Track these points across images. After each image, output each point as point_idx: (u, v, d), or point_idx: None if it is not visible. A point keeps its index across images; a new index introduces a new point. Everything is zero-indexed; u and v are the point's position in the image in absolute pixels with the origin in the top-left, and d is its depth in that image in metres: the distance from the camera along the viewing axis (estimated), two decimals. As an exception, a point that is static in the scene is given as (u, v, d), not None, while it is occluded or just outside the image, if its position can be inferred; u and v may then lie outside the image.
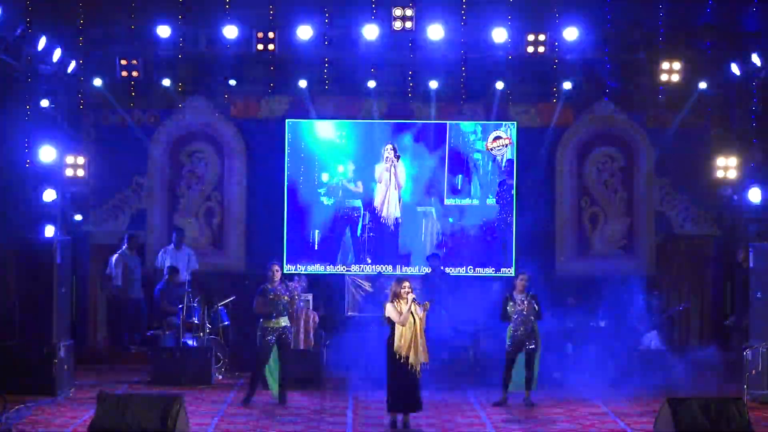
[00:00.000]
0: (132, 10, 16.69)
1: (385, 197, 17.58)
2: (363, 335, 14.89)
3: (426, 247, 17.55)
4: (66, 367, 13.41)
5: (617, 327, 15.49)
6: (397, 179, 17.55)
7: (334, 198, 17.61)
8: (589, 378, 14.37)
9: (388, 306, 11.54)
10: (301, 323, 14.79)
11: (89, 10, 16.44)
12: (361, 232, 17.58)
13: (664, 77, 16.28)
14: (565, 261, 17.68)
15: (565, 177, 17.80)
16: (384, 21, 16.14)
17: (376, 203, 17.61)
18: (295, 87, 17.13)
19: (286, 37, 16.29)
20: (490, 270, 17.55)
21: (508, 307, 13.25)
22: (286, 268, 17.01)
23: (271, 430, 11.58)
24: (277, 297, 12.93)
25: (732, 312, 16.80)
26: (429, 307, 11.61)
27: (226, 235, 17.74)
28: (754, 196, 16.21)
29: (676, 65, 16.17)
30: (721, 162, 16.69)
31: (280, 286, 13.07)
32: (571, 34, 16.28)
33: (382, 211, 17.61)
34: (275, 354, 12.98)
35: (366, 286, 17.40)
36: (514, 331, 13.23)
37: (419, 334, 11.46)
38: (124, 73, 16.42)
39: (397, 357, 11.44)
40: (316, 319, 15.15)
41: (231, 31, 16.31)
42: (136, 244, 17.16)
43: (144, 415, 9.52)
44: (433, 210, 17.68)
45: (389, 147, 17.56)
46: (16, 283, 14.18)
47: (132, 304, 16.86)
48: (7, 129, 15.88)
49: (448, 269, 17.20)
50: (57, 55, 15.47)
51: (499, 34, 16.32)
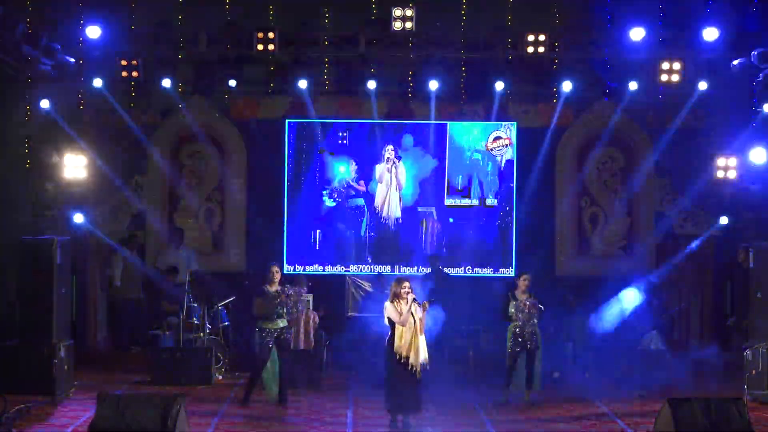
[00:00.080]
0: (132, 10, 16.70)
1: (385, 197, 17.58)
2: (363, 335, 14.90)
3: (426, 248, 17.56)
4: (66, 367, 13.39)
5: (617, 327, 15.48)
6: (398, 180, 17.54)
7: (336, 198, 17.61)
8: (589, 378, 14.37)
9: (389, 306, 11.53)
10: (302, 324, 14.76)
11: (89, 10, 16.43)
12: (364, 232, 17.58)
13: (664, 77, 16.27)
14: (565, 261, 17.69)
15: (565, 177, 17.81)
16: (384, 21, 16.14)
17: (377, 203, 17.61)
18: (295, 87, 17.13)
19: (286, 37, 16.29)
20: (490, 270, 17.55)
21: (510, 307, 13.24)
22: (286, 268, 17.03)
23: (271, 431, 11.59)
24: (276, 299, 12.91)
25: (732, 312, 16.80)
26: (428, 307, 11.62)
27: (226, 235, 17.75)
28: (754, 196, 16.21)
29: (676, 65, 16.16)
30: (721, 162, 16.69)
31: (280, 288, 13.05)
32: (571, 33, 16.28)
33: (383, 212, 17.61)
34: (274, 355, 12.97)
35: (366, 286, 17.40)
36: (516, 331, 13.21)
37: (419, 335, 11.46)
38: (124, 73, 16.42)
39: (397, 357, 11.44)
40: (317, 320, 15.12)
41: (230, 31, 16.31)
42: (137, 244, 17.17)
43: (144, 415, 9.51)
44: (433, 210, 17.69)
45: (389, 147, 17.56)
46: (16, 284, 14.18)
47: (132, 304, 16.86)
48: (7, 129, 15.89)
49: (448, 269, 17.20)
50: (57, 55, 15.46)
51: (500, 34, 16.32)
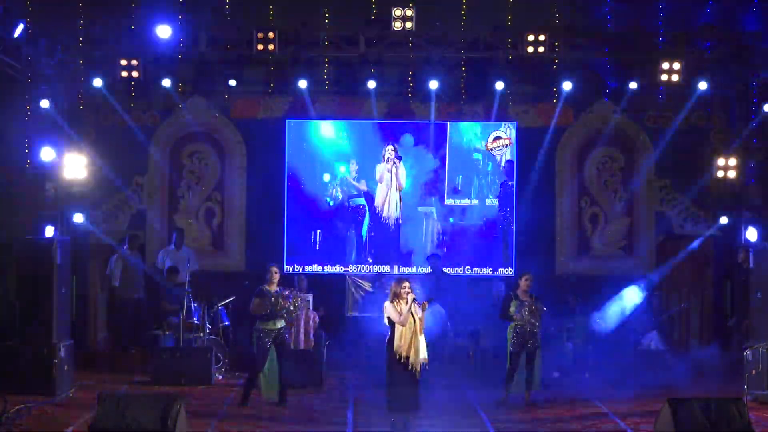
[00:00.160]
0: (132, 10, 16.70)
1: (386, 197, 17.57)
2: (363, 335, 14.89)
3: (426, 248, 17.56)
4: (66, 367, 13.40)
5: (617, 327, 15.48)
6: (398, 180, 17.54)
7: (337, 198, 17.61)
8: (589, 378, 14.37)
9: (388, 306, 11.52)
10: (301, 323, 14.78)
11: (89, 10, 16.43)
12: (366, 231, 17.58)
13: (664, 77, 16.27)
14: (565, 261, 17.68)
15: (565, 177, 17.81)
16: (384, 21, 16.14)
17: (377, 203, 17.60)
18: (295, 87, 17.13)
19: (286, 37, 16.29)
20: (491, 270, 17.55)
21: (511, 306, 13.21)
22: (285, 268, 17.03)
23: (270, 431, 11.58)
24: (274, 299, 12.89)
25: (732, 312, 16.80)
26: (428, 306, 11.61)
27: (226, 235, 17.75)
28: (754, 196, 16.21)
29: (676, 65, 16.16)
30: (721, 162, 16.69)
31: (278, 290, 13.03)
32: (570, 33, 16.29)
33: (383, 212, 17.60)
34: (272, 356, 12.96)
35: (366, 286, 17.40)
36: (517, 330, 13.19)
37: (419, 334, 11.45)
38: (124, 73, 16.42)
39: (397, 357, 11.43)
40: (317, 320, 15.14)
41: (231, 31, 16.32)
42: (137, 245, 17.16)
43: (144, 415, 9.51)
44: (433, 210, 17.68)
45: (390, 147, 17.55)
46: (16, 283, 14.18)
47: (132, 304, 16.85)
48: (7, 129, 15.89)
49: (448, 269, 17.20)
50: (57, 55, 15.46)
51: (498, 34, 16.32)
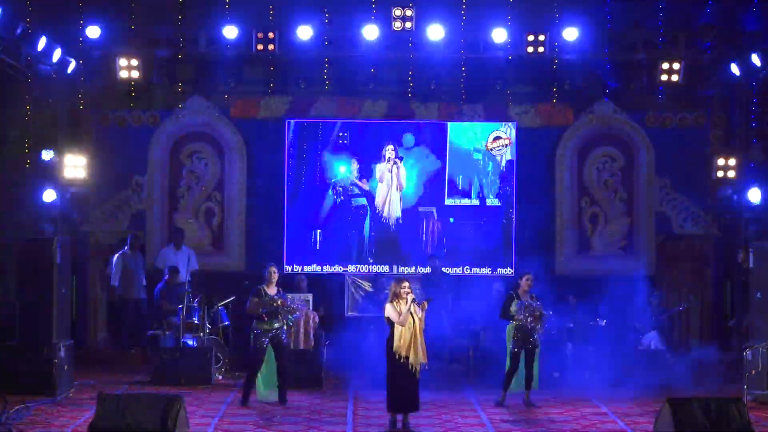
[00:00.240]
0: (132, 10, 16.70)
1: (386, 197, 17.57)
2: (363, 335, 14.89)
3: (426, 248, 17.56)
4: (66, 367, 13.39)
5: (617, 327, 15.48)
6: (399, 180, 17.54)
7: (337, 197, 17.60)
8: (589, 378, 14.36)
9: (388, 306, 11.54)
10: (301, 323, 14.76)
11: (89, 10, 16.43)
12: (367, 232, 17.58)
13: (664, 77, 16.27)
14: (566, 261, 17.67)
15: (565, 177, 17.80)
16: (384, 21, 16.15)
17: (377, 203, 17.60)
18: (295, 87, 17.13)
19: (286, 37, 16.30)
20: (491, 270, 17.54)
21: (512, 306, 13.18)
22: (285, 268, 17.04)
23: (271, 430, 11.59)
24: (272, 300, 12.88)
25: (732, 312, 16.79)
26: (427, 306, 11.62)
27: (226, 235, 17.73)
28: (754, 196, 16.23)
29: (676, 65, 16.17)
30: (721, 162, 16.69)
31: (277, 290, 13.02)
32: (571, 34, 16.31)
33: (383, 211, 17.60)
34: (270, 357, 12.96)
35: (366, 286, 17.39)
36: (518, 330, 13.15)
37: (419, 334, 11.46)
38: (124, 73, 16.40)
39: (396, 357, 11.44)
40: (316, 320, 15.12)
41: (231, 31, 16.34)
42: (138, 245, 17.16)
43: (144, 415, 9.52)
44: (434, 210, 17.68)
45: (390, 147, 17.55)
46: (16, 283, 14.18)
47: (132, 305, 16.85)
48: (7, 129, 15.90)
49: (448, 269, 17.20)
50: (57, 55, 15.47)
51: (499, 34, 16.35)
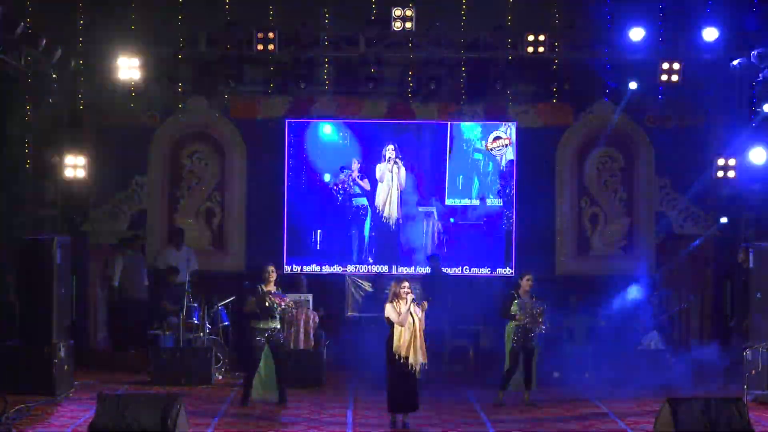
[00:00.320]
0: (132, 10, 16.69)
1: (387, 197, 17.58)
2: (363, 335, 14.89)
3: (427, 247, 17.56)
4: (66, 367, 13.40)
5: (617, 327, 15.48)
6: (400, 180, 17.54)
7: (338, 197, 17.60)
8: (589, 378, 14.37)
9: (388, 306, 11.55)
10: (301, 323, 14.78)
11: (89, 10, 16.42)
12: (368, 231, 17.58)
13: (664, 77, 16.27)
14: (566, 261, 17.68)
15: (565, 177, 17.81)
16: (384, 21, 16.14)
17: (378, 203, 17.61)
18: (295, 87, 17.12)
19: (286, 37, 16.29)
20: (490, 270, 17.54)
21: (513, 306, 13.15)
22: (285, 269, 17.04)
23: (271, 430, 11.59)
24: (269, 299, 12.88)
25: (733, 313, 16.79)
26: (427, 306, 11.62)
27: (226, 235, 17.74)
28: (754, 196, 16.20)
29: (676, 65, 16.16)
30: (721, 162, 16.68)
31: (275, 290, 13.02)
32: (571, 34, 16.30)
33: (384, 211, 17.61)
34: (266, 356, 12.97)
35: (366, 286, 17.41)
36: (518, 329, 13.13)
37: (418, 335, 11.46)
38: (124, 73, 16.39)
39: (396, 357, 11.44)
40: (316, 320, 15.13)
41: (232, 31, 16.32)
42: (139, 245, 17.15)
43: (144, 415, 9.53)
44: (434, 210, 17.68)
45: (390, 147, 17.56)
46: (16, 284, 14.17)
47: (132, 304, 16.84)
48: (8, 129, 15.88)
49: (448, 269, 17.20)
50: (57, 55, 15.46)
51: (499, 34, 16.33)
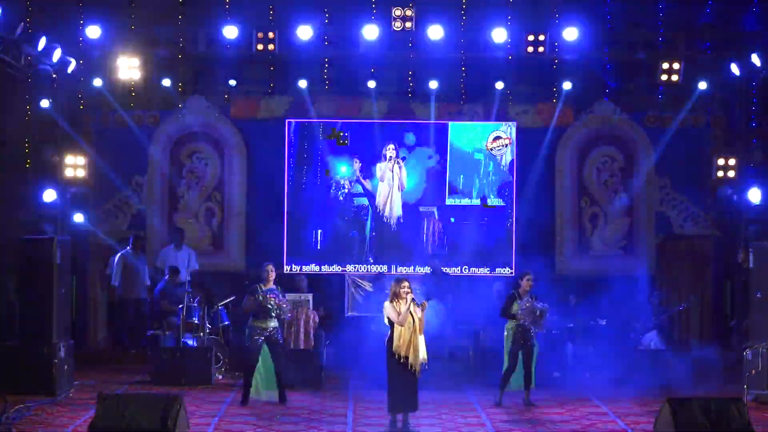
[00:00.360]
0: (132, 10, 16.70)
1: (387, 197, 17.58)
2: (363, 335, 14.88)
3: (427, 247, 17.56)
4: (66, 367, 13.39)
5: (617, 327, 15.48)
6: (401, 179, 17.54)
7: (338, 197, 17.60)
8: (589, 378, 14.36)
9: (388, 306, 11.54)
10: (301, 323, 14.77)
11: (89, 10, 16.43)
12: (369, 231, 17.58)
13: (664, 77, 16.27)
14: (565, 261, 17.68)
15: (565, 177, 17.81)
16: (384, 21, 16.15)
17: (378, 203, 17.62)
18: (295, 87, 17.13)
19: (286, 37, 16.30)
20: (490, 270, 17.54)
21: (514, 305, 13.14)
22: (285, 268, 17.04)
23: (271, 430, 11.59)
24: (267, 299, 12.89)
25: (733, 313, 16.79)
26: (427, 306, 11.61)
27: (226, 235, 17.74)
28: (754, 196, 16.21)
29: (676, 65, 16.16)
30: (721, 162, 16.69)
31: (274, 289, 13.02)
32: (571, 34, 16.31)
33: (385, 211, 17.61)
34: (264, 355, 12.96)
35: (366, 286, 17.40)
36: (517, 329, 13.12)
37: (418, 334, 11.45)
38: (124, 73, 16.39)
39: (396, 357, 11.44)
40: (316, 319, 15.12)
41: (231, 31, 16.33)
42: (141, 245, 17.16)
43: (144, 415, 9.53)
44: (434, 210, 17.69)
45: (391, 146, 17.57)
46: (16, 284, 14.16)
47: (132, 305, 16.84)
48: (8, 129, 15.89)
49: (448, 269, 17.20)
50: (57, 55, 15.46)
51: (499, 34, 16.34)
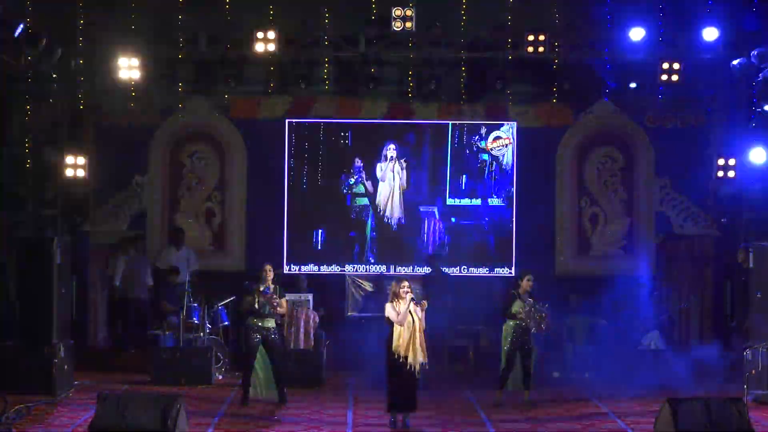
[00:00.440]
0: (132, 10, 16.68)
1: (388, 197, 17.59)
2: (363, 335, 14.89)
3: (428, 247, 17.57)
4: (66, 367, 13.41)
5: (617, 327, 15.48)
6: (402, 179, 17.55)
7: (339, 197, 17.59)
8: (589, 378, 14.37)
9: (387, 306, 11.55)
10: (301, 323, 14.78)
11: (89, 10, 16.42)
12: (370, 231, 17.58)
13: (664, 77, 16.26)
14: (565, 261, 17.68)
15: (565, 177, 17.80)
16: (384, 21, 16.13)
17: (379, 203, 17.62)
18: (295, 87, 17.12)
19: (286, 37, 16.27)
20: (486, 270, 17.54)
21: (514, 305, 13.13)
22: (285, 269, 17.04)
23: (271, 430, 11.59)
24: (265, 299, 12.88)
25: (733, 313, 16.79)
26: (426, 306, 11.62)
27: (226, 235, 17.74)
28: (754, 196, 16.20)
29: (676, 65, 16.16)
30: (721, 162, 16.68)
31: (267, 288, 13.00)
32: (571, 34, 16.29)
33: (385, 211, 17.61)
34: (263, 355, 12.96)
35: (366, 286, 17.41)
36: (516, 329, 13.11)
37: (418, 334, 11.46)
38: (124, 73, 16.39)
39: (395, 357, 11.44)
40: (317, 319, 15.13)
41: (232, 31, 16.30)
42: (142, 245, 17.16)
43: (144, 415, 9.53)
44: (435, 210, 17.69)
45: (392, 147, 17.57)
46: (16, 284, 14.16)
47: (133, 305, 16.85)
48: (8, 129, 15.89)
49: (449, 269, 17.20)
50: (57, 55, 15.46)
51: (499, 34, 16.32)
